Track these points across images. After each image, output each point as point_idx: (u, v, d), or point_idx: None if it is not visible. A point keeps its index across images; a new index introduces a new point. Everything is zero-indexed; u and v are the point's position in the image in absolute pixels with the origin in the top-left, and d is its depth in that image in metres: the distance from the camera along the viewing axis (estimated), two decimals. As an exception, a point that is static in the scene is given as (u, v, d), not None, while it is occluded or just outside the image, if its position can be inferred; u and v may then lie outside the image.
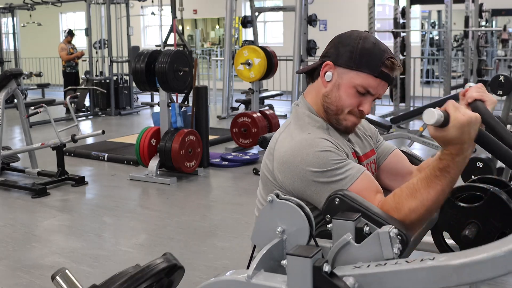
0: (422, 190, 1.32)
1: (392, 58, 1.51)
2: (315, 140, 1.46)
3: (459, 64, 13.41)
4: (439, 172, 1.30)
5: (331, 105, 1.54)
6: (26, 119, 5.73)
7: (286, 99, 10.61)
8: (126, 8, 11.05)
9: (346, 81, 1.51)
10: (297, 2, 8.88)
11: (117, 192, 5.26)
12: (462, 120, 1.23)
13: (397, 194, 1.37)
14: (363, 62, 1.49)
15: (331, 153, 1.44)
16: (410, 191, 1.34)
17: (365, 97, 1.52)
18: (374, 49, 1.50)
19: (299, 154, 1.44)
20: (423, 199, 1.32)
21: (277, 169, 1.48)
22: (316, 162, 1.42)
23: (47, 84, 12.20)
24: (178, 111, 5.53)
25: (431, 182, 1.31)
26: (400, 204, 1.34)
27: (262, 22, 15.17)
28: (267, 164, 1.54)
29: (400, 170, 1.71)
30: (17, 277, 3.33)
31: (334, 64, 1.53)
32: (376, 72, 1.49)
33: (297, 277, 1.08)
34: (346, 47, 1.51)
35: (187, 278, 1.23)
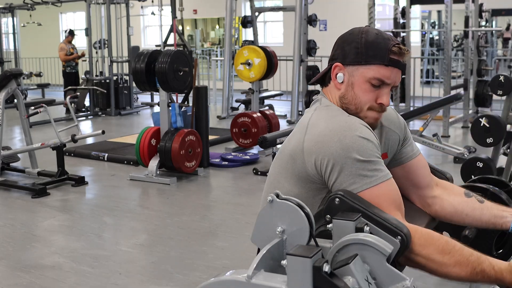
0: (452, 259, 1.31)
1: (398, 44, 1.49)
2: (356, 124, 1.42)
3: (459, 64, 13.40)
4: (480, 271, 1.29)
5: (350, 105, 1.51)
6: (26, 119, 5.73)
7: (286, 99, 10.61)
8: (126, 8, 11.05)
9: (358, 78, 1.49)
10: (297, 2, 8.87)
11: (117, 192, 5.26)
12: None
13: (431, 236, 1.34)
14: (370, 54, 1.47)
15: (370, 144, 1.39)
16: (445, 247, 1.32)
17: (381, 89, 1.50)
18: (378, 39, 1.48)
19: (336, 134, 1.39)
20: (444, 264, 1.31)
21: (311, 147, 1.42)
22: (353, 147, 1.37)
23: (47, 84, 12.19)
24: (178, 111, 5.53)
25: (465, 265, 1.30)
26: (427, 244, 1.32)
27: (262, 22, 15.16)
28: (297, 146, 1.45)
29: (418, 178, 1.64)
30: (17, 277, 3.33)
31: (343, 64, 1.51)
32: (386, 61, 1.47)
33: (297, 277, 1.08)
34: (351, 44, 1.50)
35: (187, 278, 1.23)
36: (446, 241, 1.33)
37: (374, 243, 1.17)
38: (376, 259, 1.17)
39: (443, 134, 7.41)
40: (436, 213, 1.62)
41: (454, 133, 8.02)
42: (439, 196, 1.62)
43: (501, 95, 3.58)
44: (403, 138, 1.66)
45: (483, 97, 8.22)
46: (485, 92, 8.16)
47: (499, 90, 3.55)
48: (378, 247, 1.17)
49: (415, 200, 1.65)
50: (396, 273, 1.17)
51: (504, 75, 3.57)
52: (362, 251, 1.17)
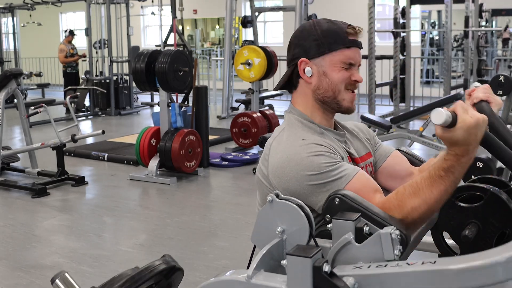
0: (425, 189, 1.33)
1: (350, 25, 1.55)
2: (309, 145, 1.48)
3: (459, 64, 13.41)
4: (444, 172, 1.31)
5: (327, 92, 1.55)
6: (26, 119, 5.74)
7: (286, 99, 10.61)
8: (126, 8, 11.05)
9: (328, 66, 1.54)
10: (297, 2, 8.88)
11: (117, 192, 5.26)
12: (469, 122, 1.23)
13: (400, 192, 1.37)
14: (331, 41, 1.52)
15: (324, 157, 1.45)
16: (413, 189, 1.35)
17: (351, 69, 1.55)
18: (332, 26, 1.54)
19: (293, 159, 1.45)
20: (426, 198, 1.33)
21: (272, 174, 1.50)
22: (310, 166, 1.43)
23: (47, 84, 12.20)
24: (178, 111, 5.53)
25: (434, 182, 1.32)
26: (403, 202, 1.35)
27: (262, 22, 15.17)
28: (262, 170, 1.55)
29: (400, 172, 1.71)
30: (17, 277, 3.33)
31: (308, 59, 1.55)
32: (347, 43, 1.52)
33: (297, 277, 1.08)
34: (308, 38, 1.54)
35: (187, 278, 1.23)
36: (409, 185, 1.36)
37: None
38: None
39: (443, 134, 7.40)
40: None
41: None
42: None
43: (501, 95, 3.58)
44: (374, 143, 1.75)
45: (483, 97, 8.20)
46: (485, 92, 8.15)
47: (499, 90, 3.55)
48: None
49: None
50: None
51: (504, 75, 3.56)
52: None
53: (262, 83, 8.28)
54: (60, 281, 1.22)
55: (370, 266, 1.11)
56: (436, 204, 1.34)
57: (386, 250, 1.15)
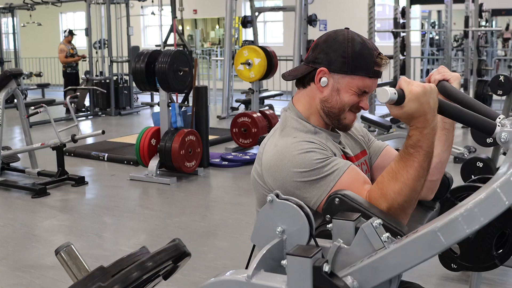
0: (401, 171, 1.35)
1: (380, 54, 1.54)
2: (300, 143, 1.50)
3: (459, 64, 13.41)
4: (412, 149, 1.34)
5: (333, 109, 1.57)
6: (26, 119, 5.73)
7: (286, 99, 10.61)
8: (126, 8, 11.05)
9: (344, 85, 1.54)
10: (297, 2, 8.87)
11: (117, 192, 5.26)
12: (417, 92, 1.27)
13: (379, 181, 1.39)
14: (357, 65, 1.52)
15: (314, 153, 1.47)
16: (391, 175, 1.37)
17: (362, 96, 1.57)
18: (363, 49, 1.52)
19: (285, 157, 1.48)
20: (404, 179, 1.35)
21: (266, 173, 1.52)
22: (302, 163, 1.45)
23: (47, 84, 12.20)
24: (178, 111, 5.53)
25: (407, 161, 1.34)
26: (385, 190, 1.37)
27: (262, 22, 15.17)
28: (257, 169, 1.57)
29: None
30: (17, 277, 3.33)
31: (329, 70, 1.54)
32: (371, 73, 1.53)
33: (297, 277, 1.08)
34: (337, 51, 1.53)
35: (187, 278, 1.23)
36: (386, 172, 1.38)
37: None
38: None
39: (443, 134, 7.40)
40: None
41: (454, 133, 8.01)
42: None
43: (501, 95, 3.58)
44: (367, 140, 1.77)
45: (483, 97, 8.22)
46: (485, 92, 8.16)
47: (499, 90, 3.55)
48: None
49: None
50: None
51: (504, 75, 3.56)
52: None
53: (262, 83, 8.28)
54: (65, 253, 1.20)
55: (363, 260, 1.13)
56: (416, 182, 1.35)
57: (373, 241, 1.15)
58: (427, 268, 3.21)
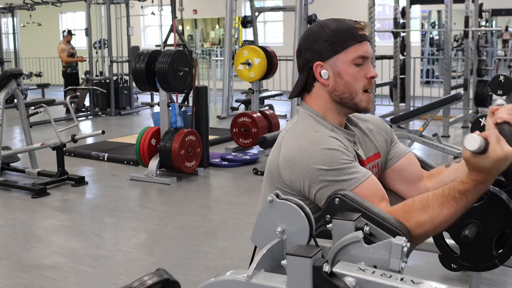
0: (435, 207, 1.31)
1: (356, 21, 1.55)
2: (324, 137, 1.46)
3: (459, 64, 13.41)
4: (458, 194, 1.30)
5: (344, 94, 1.54)
6: (26, 119, 5.73)
7: (286, 99, 10.61)
8: (126, 8, 11.05)
9: (342, 65, 1.53)
10: (297, 2, 8.87)
11: (117, 192, 5.26)
12: (499, 155, 1.23)
13: (408, 205, 1.35)
14: (343, 39, 1.51)
15: (339, 152, 1.43)
16: (423, 204, 1.33)
17: (364, 66, 1.54)
18: (340, 24, 1.54)
19: (306, 151, 1.43)
20: (434, 216, 1.31)
21: (283, 166, 1.47)
22: (323, 160, 1.41)
23: (47, 84, 12.20)
24: (178, 111, 5.53)
25: (446, 202, 1.31)
26: (409, 215, 1.33)
27: (262, 22, 15.16)
28: (274, 161, 1.51)
29: (410, 175, 1.68)
30: (17, 277, 3.33)
31: (322, 61, 1.54)
32: (358, 37, 1.52)
33: (297, 277, 1.08)
34: (319, 40, 1.53)
35: (187, 278, 1.24)
36: (420, 200, 1.35)
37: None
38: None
39: (443, 134, 7.41)
40: None
41: (454, 133, 8.02)
42: (431, 186, 1.66)
43: (501, 95, 3.58)
44: (390, 140, 1.72)
45: (483, 97, 8.22)
46: (485, 92, 8.16)
47: (499, 90, 3.54)
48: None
49: (409, 197, 1.66)
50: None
51: (504, 75, 3.56)
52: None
53: (262, 83, 8.28)
54: None
55: (374, 272, 1.10)
56: (442, 224, 1.33)
57: (393, 260, 1.14)
58: (427, 268, 3.21)
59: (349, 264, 1.14)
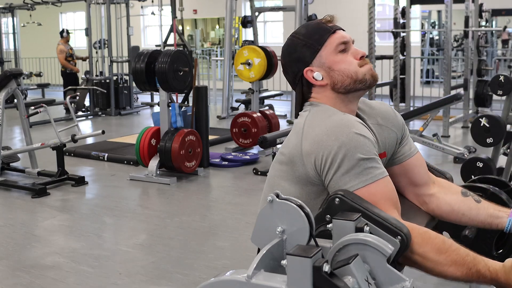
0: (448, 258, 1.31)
1: (323, 18, 1.59)
2: (351, 120, 1.43)
3: (459, 64, 13.40)
4: (475, 271, 1.30)
5: (345, 81, 1.53)
6: (26, 119, 5.73)
7: (286, 99, 10.61)
8: (126, 8, 11.05)
9: (327, 59, 1.54)
10: (297, 2, 8.87)
11: (117, 192, 5.26)
12: None
13: (428, 234, 1.35)
14: (316, 37, 1.54)
15: (366, 140, 1.40)
16: (441, 247, 1.33)
17: (349, 50, 1.55)
18: (309, 26, 1.58)
19: (333, 133, 1.40)
20: (440, 263, 1.32)
21: (307, 150, 1.42)
22: (349, 144, 1.37)
23: (47, 84, 12.19)
24: (178, 111, 5.53)
25: (461, 265, 1.31)
26: (423, 242, 1.33)
27: (262, 22, 15.16)
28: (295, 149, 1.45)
29: (416, 176, 1.65)
30: (17, 277, 3.33)
31: (309, 65, 1.55)
32: (330, 29, 1.55)
33: (297, 277, 1.08)
34: (296, 49, 1.56)
35: (187, 278, 1.23)
36: (442, 240, 1.33)
37: (374, 244, 1.17)
38: (376, 259, 1.17)
39: (443, 134, 7.41)
40: (433, 211, 1.62)
41: (454, 133, 8.02)
42: (436, 195, 1.63)
43: (501, 95, 3.58)
44: (401, 137, 1.66)
45: (483, 97, 8.22)
46: (485, 92, 8.16)
47: (499, 90, 3.55)
48: (379, 248, 1.17)
49: (412, 198, 1.65)
50: (396, 273, 1.17)
51: (504, 75, 3.56)
52: (363, 251, 1.17)
53: (262, 83, 8.27)
54: None
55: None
56: (439, 274, 1.33)
57: None
58: (427, 268, 3.21)
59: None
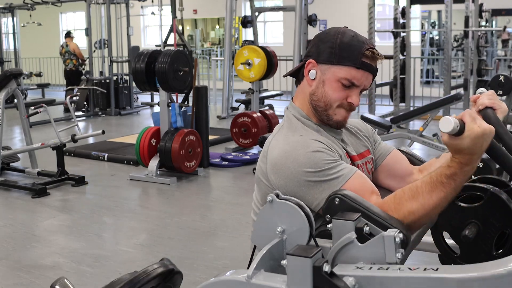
0: (424, 193, 1.32)
1: (372, 48, 1.52)
2: (307, 141, 1.48)
3: (459, 64, 13.40)
4: (445, 179, 1.30)
5: (319, 102, 1.55)
6: (26, 119, 5.73)
7: (286, 99, 10.61)
8: (126, 8, 11.05)
9: (329, 76, 1.52)
10: (297, 2, 8.87)
11: (117, 192, 5.26)
12: (476, 132, 1.22)
13: (398, 195, 1.36)
14: (343, 55, 1.50)
15: (322, 154, 1.45)
16: (412, 193, 1.33)
17: (351, 90, 1.53)
18: (353, 41, 1.51)
19: (291, 155, 1.45)
20: (424, 203, 1.32)
21: (271, 171, 1.49)
22: (308, 163, 1.43)
23: (47, 84, 12.20)
24: (178, 111, 5.53)
25: (435, 188, 1.31)
26: (400, 205, 1.34)
27: (262, 22, 15.16)
28: (261, 167, 1.55)
29: (399, 171, 1.71)
30: (17, 277, 3.33)
31: (316, 62, 1.55)
32: (358, 63, 1.50)
33: (297, 277, 1.08)
34: (326, 43, 1.54)
35: (187, 278, 1.24)
36: (409, 188, 1.35)
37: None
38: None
39: (443, 134, 7.40)
40: None
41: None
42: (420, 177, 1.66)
43: (501, 95, 3.58)
44: (373, 141, 1.74)
45: (483, 97, 8.21)
46: (485, 92, 8.15)
47: (499, 90, 3.54)
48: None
49: None
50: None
51: (504, 75, 3.56)
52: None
53: (262, 83, 8.28)
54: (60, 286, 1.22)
55: (371, 267, 1.11)
56: (434, 210, 1.33)
57: (388, 252, 1.14)
58: (427, 268, 3.21)
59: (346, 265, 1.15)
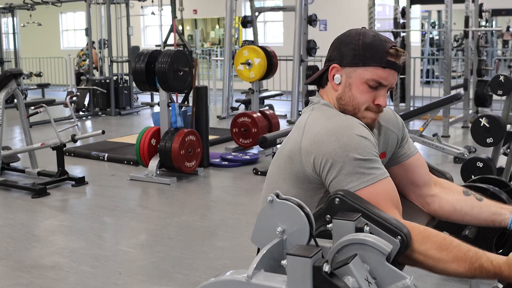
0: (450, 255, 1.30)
1: (395, 46, 1.51)
2: (353, 123, 1.43)
3: (459, 64, 13.40)
4: (478, 266, 1.29)
5: (347, 106, 1.52)
6: (26, 119, 5.73)
7: (286, 99, 10.61)
8: (126, 8, 11.05)
9: (356, 79, 1.50)
10: (297, 2, 8.87)
11: (117, 192, 5.26)
12: None
13: (429, 232, 1.34)
14: (368, 56, 1.48)
15: (369, 143, 1.41)
16: (442, 244, 1.31)
17: (378, 90, 1.51)
18: (375, 41, 1.50)
19: (334, 133, 1.40)
20: (442, 260, 1.30)
21: (307, 149, 1.43)
22: (350, 146, 1.38)
23: (47, 84, 12.20)
24: (178, 111, 5.53)
25: (463, 261, 1.29)
26: (424, 241, 1.32)
27: (262, 22, 15.16)
28: (295, 146, 1.47)
29: (417, 177, 1.65)
30: (17, 277, 3.33)
31: (340, 66, 1.52)
32: (383, 63, 1.48)
33: (297, 277, 1.08)
34: (348, 46, 1.51)
35: (187, 278, 1.24)
36: (443, 237, 1.33)
37: (373, 243, 1.17)
38: (376, 258, 1.17)
39: (443, 134, 7.41)
40: (434, 211, 1.62)
41: (454, 133, 8.02)
42: (438, 195, 1.63)
43: (501, 95, 3.58)
44: (401, 138, 1.67)
45: (483, 97, 8.22)
46: (485, 92, 8.16)
47: (499, 90, 3.54)
48: (377, 246, 1.17)
49: (413, 199, 1.65)
50: (396, 272, 1.17)
51: (504, 75, 3.56)
52: (362, 251, 1.17)
53: (262, 83, 8.28)
54: None
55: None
56: (442, 271, 1.32)
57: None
58: (427, 268, 3.21)
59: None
